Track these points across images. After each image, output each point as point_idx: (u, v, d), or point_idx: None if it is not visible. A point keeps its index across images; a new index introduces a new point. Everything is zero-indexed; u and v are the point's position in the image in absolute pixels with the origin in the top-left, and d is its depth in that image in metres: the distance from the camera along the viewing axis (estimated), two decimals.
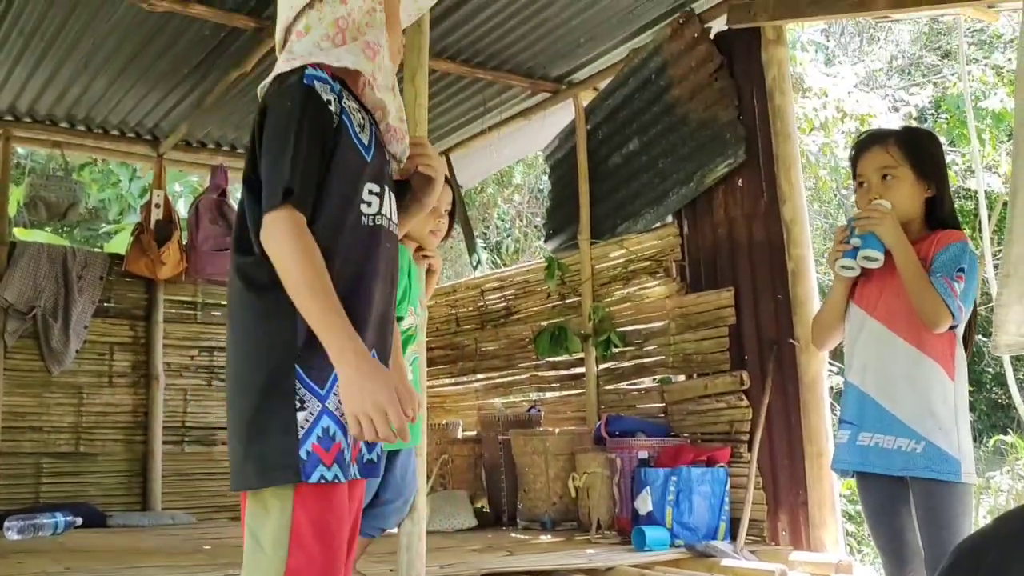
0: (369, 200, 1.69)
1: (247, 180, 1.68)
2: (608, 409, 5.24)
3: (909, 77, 11.29)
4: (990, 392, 12.21)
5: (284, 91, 1.65)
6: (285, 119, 1.62)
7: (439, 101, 5.78)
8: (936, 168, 2.45)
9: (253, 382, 1.61)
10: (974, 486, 2.35)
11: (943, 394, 2.32)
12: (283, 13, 1.79)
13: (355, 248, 1.66)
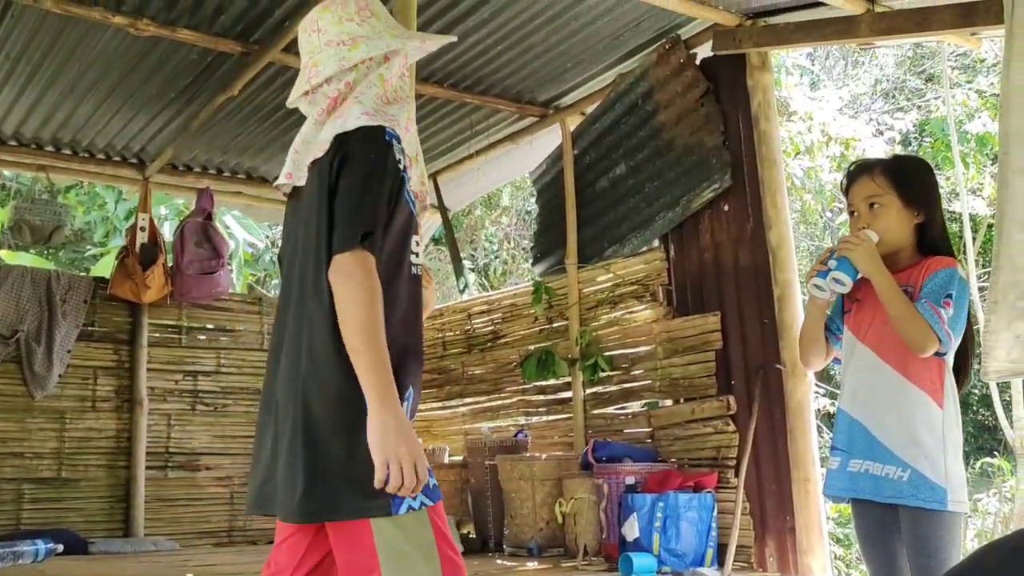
0: (416, 251, 1.85)
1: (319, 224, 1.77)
2: (595, 434, 5.22)
3: (893, 101, 11.39)
4: (976, 414, 12.24)
5: (370, 143, 1.77)
6: (369, 168, 1.75)
7: (427, 125, 5.79)
8: (925, 194, 2.45)
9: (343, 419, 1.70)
10: (964, 514, 2.34)
11: (929, 422, 2.32)
12: (328, 64, 1.89)
13: (407, 295, 1.81)
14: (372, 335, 1.66)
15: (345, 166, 1.75)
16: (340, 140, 1.78)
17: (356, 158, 1.75)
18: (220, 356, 6.58)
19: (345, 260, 1.68)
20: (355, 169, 1.75)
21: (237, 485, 6.46)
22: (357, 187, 1.73)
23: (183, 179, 6.57)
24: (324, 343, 1.73)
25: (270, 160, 6.43)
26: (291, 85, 5.46)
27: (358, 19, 1.93)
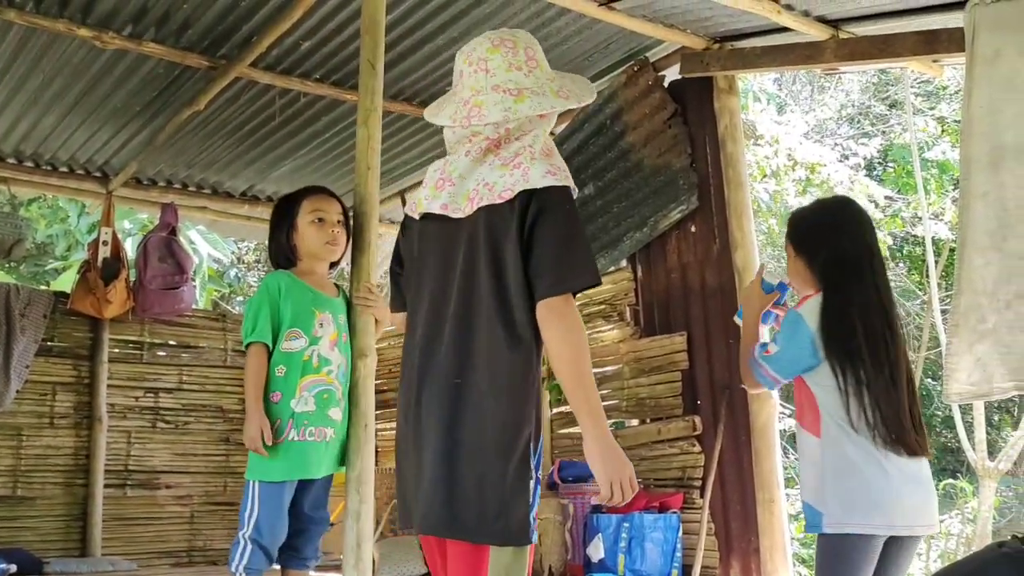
0: None
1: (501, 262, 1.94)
2: (562, 454, 5.20)
3: (858, 126, 11.57)
4: (939, 436, 12.38)
5: (565, 202, 1.96)
6: (570, 224, 1.94)
7: (395, 143, 5.77)
8: (810, 238, 2.64)
9: (515, 448, 1.89)
10: (851, 536, 2.40)
11: (811, 454, 2.52)
12: (492, 110, 2.03)
13: None
14: (585, 369, 1.87)
15: (544, 221, 1.91)
16: (528, 194, 1.93)
17: (556, 214, 1.92)
18: (182, 373, 6.48)
19: (559, 303, 1.88)
20: (558, 224, 1.91)
21: (197, 504, 6.35)
22: (563, 241, 1.91)
23: (147, 193, 6.49)
24: (507, 375, 1.91)
25: (235, 175, 6.37)
26: (259, 100, 5.40)
27: (526, 68, 2.07)
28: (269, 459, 2.92)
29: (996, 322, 3.01)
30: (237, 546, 2.96)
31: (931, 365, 10.62)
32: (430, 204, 2.08)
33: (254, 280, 11.48)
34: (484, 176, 2.01)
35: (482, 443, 1.89)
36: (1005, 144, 3.11)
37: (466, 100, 2.07)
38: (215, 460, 6.50)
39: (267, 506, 2.93)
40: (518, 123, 2.04)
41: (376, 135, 3.16)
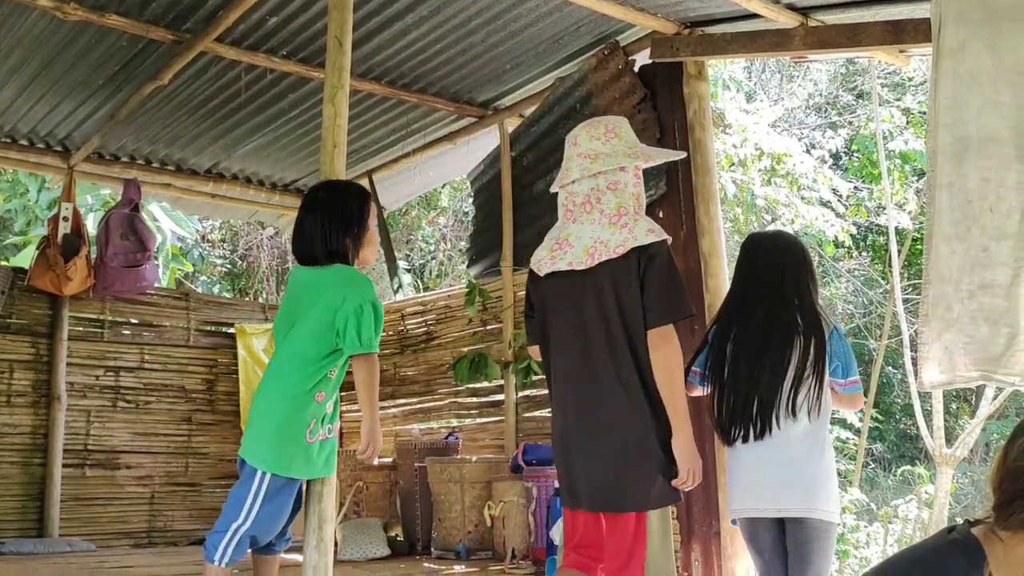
0: None
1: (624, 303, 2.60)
2: (527, 437, 5.21)
3: (825, 116, 11.65)
4: (899, 423, 12.58)
5: (665, 252, 2.63)
6: (671, 268, 2.63)
7: (362, 122, 5.72)
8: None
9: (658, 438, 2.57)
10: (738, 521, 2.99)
11: None
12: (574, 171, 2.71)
13: None
14: (679, 383, 2.60)
15: (652, 268, 2.58)
16: (639, 250, 2.58)
17: (659, 263, 2.59)
18: (144, 352, 6.41)
19: (666, 331, 2.57)
20: (661, 271, 2.58)
21: (158, 485, 6.29)
22: (666, 284, 2.58)
23: (109, 169, 6.38)
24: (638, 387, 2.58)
25: (200, 152, 6.28)
26: (224, 76, 5.32)
27: (603, 139, 2.71)
28: (295, 455, 2.78)
29: (960, 311, 3.05)
30: (222, 535, 2.77)
31: (891, 353, 10.77)
32: (554, 264, 2.70)
33: (219, 259, 11.35)
34: (598, 234, 2.63)
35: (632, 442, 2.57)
36: (969, 136, 3.14)
37: (563, 168, 2.76)
38: (177, 440, 6.44)
39: (275, 501, 2.79)
40: (599, 183, 2.66)
41: (343, 113, 3.13)
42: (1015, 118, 3.04)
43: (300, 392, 2.78)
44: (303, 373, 2.78)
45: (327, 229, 2.89)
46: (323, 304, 2.79)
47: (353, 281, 2.84)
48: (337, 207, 2.94)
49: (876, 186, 9.97)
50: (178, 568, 4.66)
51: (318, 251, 2.90)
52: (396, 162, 6.31)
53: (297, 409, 2.77)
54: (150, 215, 8.30)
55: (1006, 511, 1.55)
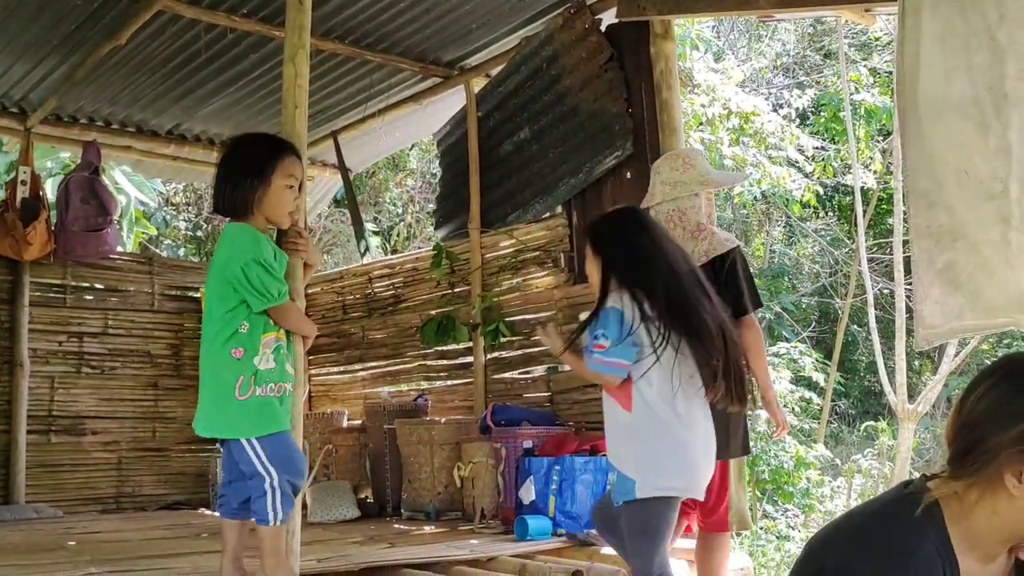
0: None
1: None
2: (496, 398, 5.23)
3: (793, 76, 11.66)
4: (863, 380, 12.78)
5: (741, 255, 3.27)
6: (746, 268, 3.26)
7: (326, 83, 5.64)
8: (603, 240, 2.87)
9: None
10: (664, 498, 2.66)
11: (620, 425, 2.73)
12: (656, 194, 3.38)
13: None
14: (765, 359, 3.26)
15: (736, 268, 3.20)
16: (720, 257, 3.17)
17: (741, 263, 3.23)
18: (108, 317, 6.33)
19: (752, 317, 3.20)
20: (744, 269, 3.23)
21: (125, 450, 6.25)
22: (750, 279, 3.25)
23: (68, 131, 6.24)
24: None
25: (161, 113, 6.16)
26: (183, 35, 5.21)
27: (681, 169, 3.34)
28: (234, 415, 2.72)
29: (951, 260, 3.08)
30: (264, 499, 2.70)
31: (856, 312, 10.91)
32: None
33: (184, 224, 11.20)
34: (696, 249, 3.18)
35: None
36: (937, 97, 3.15)
37: (648, 192, 3.46)
38: (143, 406, 6.39)
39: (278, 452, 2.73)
40: (682, 204, 3.30)
41: (304, 73, 3.07)
42: (992, 82, 3.04)
43: (215, 351, 2.74)
44: (212, 331, 2.76)
45: (221, 182, 2.84)
46: (217, 263, 2.78)
47: (234, 240, 2.78)
48: (235, 159, 2.88)
49: (842, 145, 10.02)
50: (148, 533, 4.65)
51: (216, 205, 2.89)
52: (361, 123, 6.23)
53: (223, 369, 2.73)
54: (112, 180, 8.15)
55: (960, 463, 1.57)
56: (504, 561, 3.57)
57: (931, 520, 1.56)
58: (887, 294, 10.41)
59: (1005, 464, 1.52)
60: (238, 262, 2.71)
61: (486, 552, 3.68)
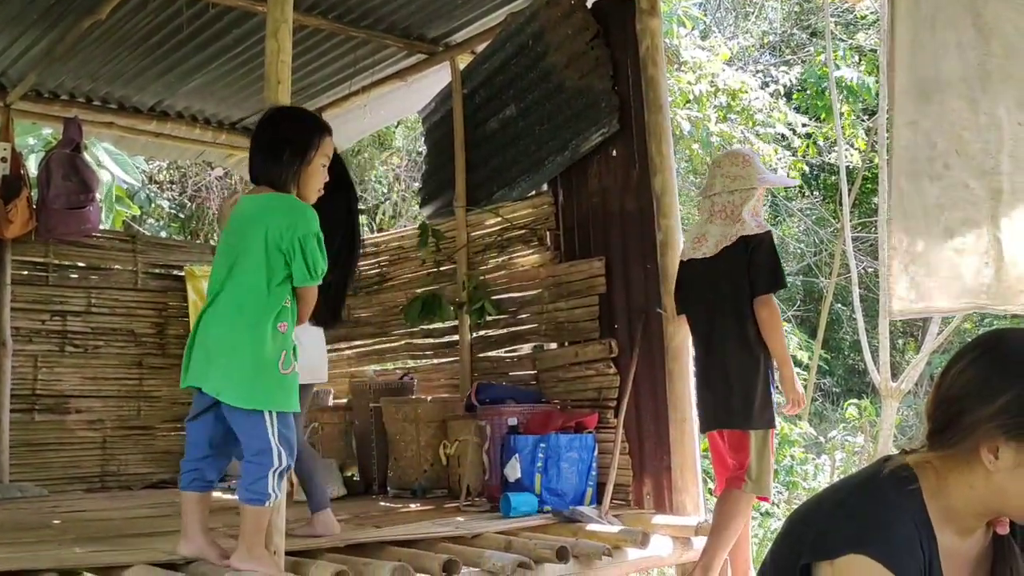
0: None
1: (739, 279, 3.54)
2: (481, 377, 5.23)
3: (779, 54, 11.64)
4: (847, 358, 12.87)
5: (768, 240, 3.55)
6: (774, 253, 3.55)
7: (310, 59, 5.59)
8: None
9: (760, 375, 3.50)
10: None
11: None
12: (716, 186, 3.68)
13: None
14: (780, 335, 3.52)
15: (759, 251, 3.50)
16: (746, 238, 3.51)
17: (765, 247, 3.51)
18: (91, 295, 6.29)
19: (768, 298, 3.50)
20: (766, 253, 3.51)
21: (110, 429, 6.23)
22: (770, 263, 3.51)
23: (49, 107, 6.17)
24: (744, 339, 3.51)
25: (143, 89, 6.09)
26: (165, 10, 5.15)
27: (740, 166, 3.65)
28: (277, 389, 2.72)
29: (930, 245, 3.10)
30: (265, 481, 2.68)
31: (840, 291, 10.96)
32: (695, 253, 3.68)
33: (167, 203, 11.11)
34: (723, 231, 3.58)
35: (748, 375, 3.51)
36: (928, 77, 3.15)
37: (706, 183, 3.81)
38: (128, 384, 6.36)
39: (287, 431, 2.75)
40: (734, 198, 3.60)
41: (286, 48, 3.04)
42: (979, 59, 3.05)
43: (261, 323, 2.71)
44: (262, 304, 2.72)
45: (264, 153, 2.84)
46: (267, 233, 2.71)
47: (292, 211, 2.76)
48: (279, 133, 2.87)
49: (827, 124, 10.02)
50: (133, 511, 4.65)
51: (260, 175, 2.85)
52: (346, 100, 6.19)
53: (271, 341, 2.71)
54: (94, 158, 8.07)
55: (938, 438, 1.58)
56: (489, 538, 3.58)
57: (909, 494, 1.57)
58: (871, 273, 10.46)
59: (982, 439, 1.53)
60: (296, 234, 2.71)
61: (471, 529, 3.69)
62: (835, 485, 1.74)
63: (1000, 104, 3.00)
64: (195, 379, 2.76)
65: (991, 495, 1.56)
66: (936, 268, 3.05)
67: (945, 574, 1.60)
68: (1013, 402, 1.50)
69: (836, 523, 1.57)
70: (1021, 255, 2.96)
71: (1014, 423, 1.50)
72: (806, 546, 1.58)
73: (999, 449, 1.52)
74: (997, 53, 2.99)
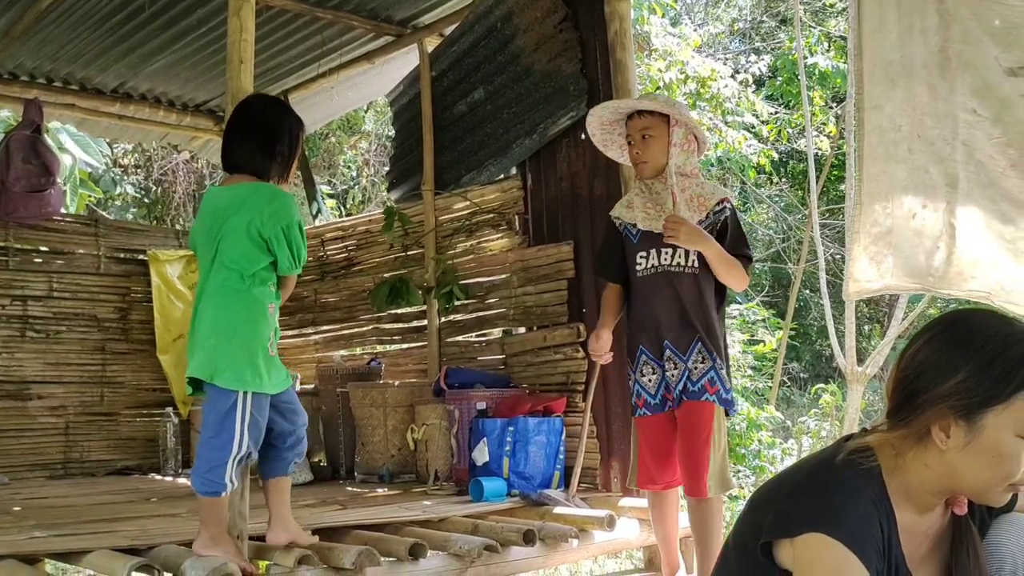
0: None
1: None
2: (450, 361, 5.21)
3: (749, 41, 11.68)
4: (814, 344, 12.99)
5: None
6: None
7: (276, 40, 5.51)
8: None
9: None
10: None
11: None
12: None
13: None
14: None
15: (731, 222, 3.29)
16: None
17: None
18: (52, 280, 6.17)
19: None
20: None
21: (73, 415, 6.14)
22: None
23: (8, 88, 6.04)
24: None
25: (105, 70, 5.98)
26: None
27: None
28: (264, 369, 2.75)
29: (892, 226, 3.12)
30: (223, 469, 2.68)
31: (808, 277, 11.05)
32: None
33: (132, 188, 10.95)
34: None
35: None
36: (894, 62, 3.17)
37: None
38: (90, 370, 6.27)
39: (257, 417, 2.77)
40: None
41: (249, 27, 3.00)
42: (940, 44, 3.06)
43: (257, 304, 2.77)
44: (254, 286, 2.77)
45: (250, 140, 2.87)
46: (251, 221, 2.75)
47: (277, 198, 2.81)
48: (269, 123, 2.91)
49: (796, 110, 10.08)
50: (96, 497, 4.59)
51: (244, 164, 2.87)
52: (313, 82, 6.11)
53: (258, 322, 2.77)
54: (56, 141, 7.92)
55: (896, 416, 1.59)
56: (456, 522, 3.58)
57: (868, 473, 1.58)
58: (839, 259, 10.55)
59: (934, 418, 1.54)
60: (280, 223, 2.76)
61: (438, 513, 3.68)
62: (795, 465, 1.75)
63: (957, 91, 3.02)
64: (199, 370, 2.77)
65: (944, 473, 1.57)
66: (899, 247, 3.07)
67: (904, 551, 1.62)
68: (964, 382, 1.52)
69: (796, 502, 1.58)
70: (972, 242, 2.99)
71: (964, 403, 1.52)
72: (766, 525, 1.58)
73: (950, 428, 1.54)
74: (956, 39, 3.00)
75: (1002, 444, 1.52)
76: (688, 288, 3.24)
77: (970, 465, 1.54)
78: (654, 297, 3.28)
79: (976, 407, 1.51)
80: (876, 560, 1.53)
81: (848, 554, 1.49)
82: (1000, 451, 1.52)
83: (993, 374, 1.51)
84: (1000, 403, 1.51)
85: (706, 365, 3.21)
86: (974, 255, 3.06)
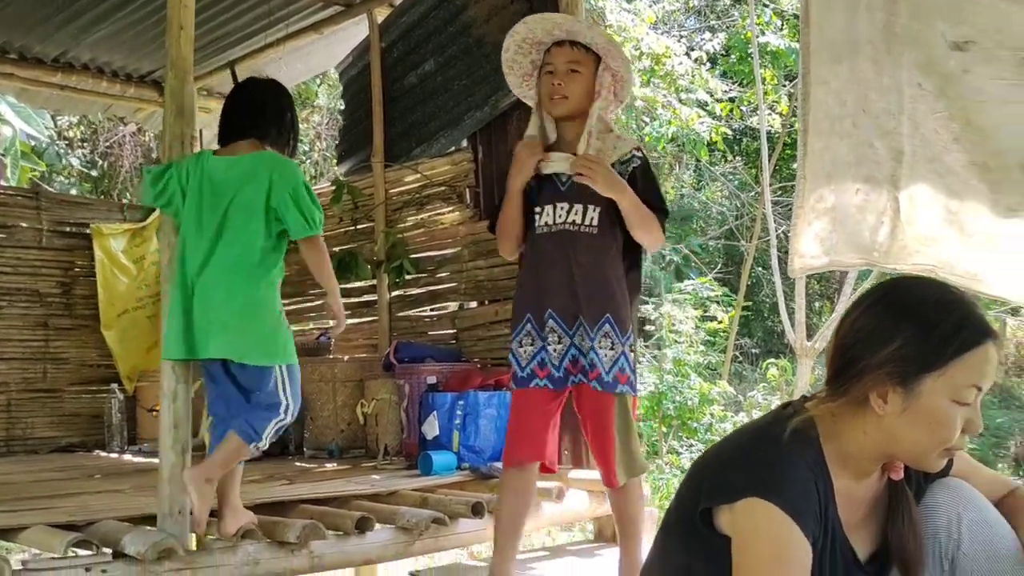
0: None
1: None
2: (400, 336, 5.18)
3: (704, 19, 11.70)
4: (767, 320, 13.17)
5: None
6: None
7: (222, 9, 5.38)
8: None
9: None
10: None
11: None
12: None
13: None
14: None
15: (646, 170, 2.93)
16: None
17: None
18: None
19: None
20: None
21: (15, 392, 6.00)
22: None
23: None
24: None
25: (45, 39, 5.80)
26: None
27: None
28: (290, 340, 2.86)
29: (836, 202, 3.14)
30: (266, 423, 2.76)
31: (761, 254, 11.17)
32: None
33: (77, 161, 10.69)
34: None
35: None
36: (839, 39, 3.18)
37: None
38: (33, 346, 6.12)
39: (296, 386, 2.85)
40: None
41: None
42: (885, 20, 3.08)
43: (271, 280, 2.81)
44: (268, 261, 2.79)
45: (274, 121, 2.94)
46: (254, 190, 2.75)
47: (280, 162, 2.84)
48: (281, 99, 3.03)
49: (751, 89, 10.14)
50: (38, 475, 4.50)
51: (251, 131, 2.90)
52: (260, 53, 5.99)
53: (275, 298, 2.83)
54: None
55: (835, 383, 1.60)
56: (405, 495, 3.56)
57: (806, 438, 1.59)
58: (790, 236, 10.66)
59: (872, 385, 1.55)
60: (287, 188, 2.75)
61: (387, 487, 3.66)
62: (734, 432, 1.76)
63: (902, 66, 3.04)
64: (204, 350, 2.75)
65: (882, 439, 1.59)
66: (843, 222, 3.09)
67: (841, 516, 1.63)
68: (901, 348, 1.53)
69: (734, 468, 1.59)
70: (917, 216, 3.02)
71: (902, 369, 1.53)
72: (705, 492, 1.59)
73: (888, 394, 1.55)
74: (902, 13, 3.02)
75: (939, 410, 1.53)
76: (584, 252, 2.77)
77: (907, 431, 1.56)
78: (543, 262, 2.85)
79: (913, 374, 1.53)
80: (813, 526, 1.54)
81: (788, 520, 1.50)
82: (937, 417, 1.54)
83: (930, 341, 1.52)
84: (937, 369, 1.52)
85: (616, 351, 2.73)
86: (918, 229, 3.09)
